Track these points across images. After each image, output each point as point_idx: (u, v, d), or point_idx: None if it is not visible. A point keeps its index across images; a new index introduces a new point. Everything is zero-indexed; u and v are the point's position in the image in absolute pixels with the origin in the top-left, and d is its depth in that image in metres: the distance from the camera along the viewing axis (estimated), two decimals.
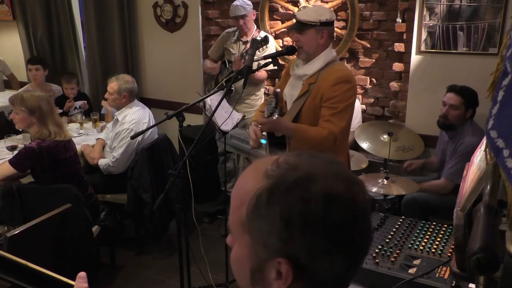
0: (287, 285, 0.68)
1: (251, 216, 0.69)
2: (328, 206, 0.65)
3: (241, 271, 0.74)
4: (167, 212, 3.45)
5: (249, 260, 0.72)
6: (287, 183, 0.67)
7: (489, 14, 3.15)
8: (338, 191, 0.67)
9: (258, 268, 0.71)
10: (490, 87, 0.92)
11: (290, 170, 0.68)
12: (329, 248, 0.66)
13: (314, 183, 0.66)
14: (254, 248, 0.70)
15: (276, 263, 0.68)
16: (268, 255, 0.68)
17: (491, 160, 0.96)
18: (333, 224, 0.66)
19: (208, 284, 3.00)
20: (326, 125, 2.28)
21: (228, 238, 0.79)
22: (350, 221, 0.67)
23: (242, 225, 0.71)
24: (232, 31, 4.02)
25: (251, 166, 0.75)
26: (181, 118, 2.40)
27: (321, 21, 2.31)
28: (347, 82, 2.32)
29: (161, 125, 2.72)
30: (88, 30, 4.86)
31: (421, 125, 3.48)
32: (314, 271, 0.67)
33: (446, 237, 1.97)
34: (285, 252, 0.67)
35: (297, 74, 2.45)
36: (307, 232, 0.65)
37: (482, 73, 2.90)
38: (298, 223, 0.65)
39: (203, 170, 4.15)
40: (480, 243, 0.83)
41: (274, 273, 0.69)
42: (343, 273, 0.70)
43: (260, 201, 0.68)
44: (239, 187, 0.74)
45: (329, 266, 0.67)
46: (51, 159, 2.81)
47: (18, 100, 2.80)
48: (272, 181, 0.68)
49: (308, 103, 2.36)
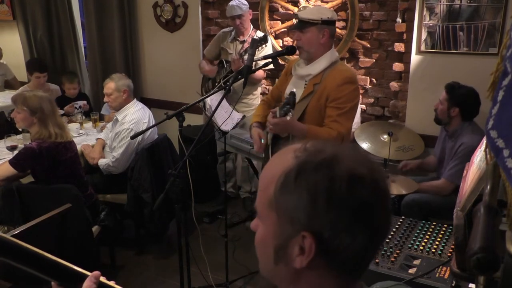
0: (309, 259, 0.72)
1: (279, 193, 0.73)
2: (352, 185, 0.69)
3: (265, 251, 0.78)
4: (167, 212, 3.45)
5: (274, 238, 0.76)
6: (314, 163, 0.71)
7: (489, 14, 3.15)
8: (362, 173, 0.71)
9: (282, 246, 0.75)
10: (490, 87, 0.92)
11: (317, 153, 0.73)
12: (351, 224, 0.70)
13: (340, 164, 0.71)
14: (280, 225, 0.74)
15: (300, 239, 0.72)
16: (293, 230, 0.72)
17: (491, 160, 0.96)
18: (356, 202, 0.70)
19: (208, 284, 3.00)
20: (334, 125, 2.31)
21: (253, 222, 0.82)
22: (372, 201, 0.71)
23: (269, 203, 0.75)
24: (228, 30, 4.02)
25: (279, 152, 0.79)
26: (181, 118, 2.40)
27: (322, 19, 2.32)
28: (353, 83, 2.37)
29: (161, 125, 2.72)
30: (89, 30, 4.87)
31: (421, 125, 3.48)
32: (336, 247, 0.71)
33: (446, 237, 1.97)
34: (310, 227, 0.71)
35: (300, 74, 2.45)
36: (331, 208, 0.69)
37: (482, 73, 2.89)
38: (324, 199, 0.69)
39: (203, 170, 4.15)
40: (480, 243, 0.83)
41: (297, 250, 0.73)
42: (363, 252, 0.73)
43: (288, 179, 0.72)
44: (268, 170, 0.78)
45: (350, 242, 0.71)
46: (51, 160, 2.81)
47: (20, 99, 2.81)
48: (300, 161, 0.73)
49: (313, 104, 2.38)
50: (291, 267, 0.75)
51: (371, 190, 0.71)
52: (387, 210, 0.74)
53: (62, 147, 2.86)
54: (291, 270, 0.75)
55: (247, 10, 3.84)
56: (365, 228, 0.71)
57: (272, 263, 0.77)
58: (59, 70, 5.12)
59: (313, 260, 0.72)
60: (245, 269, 3.30)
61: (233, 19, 3.83)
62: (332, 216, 0.70)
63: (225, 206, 3.12)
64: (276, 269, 0.77)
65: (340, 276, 0.75)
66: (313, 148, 0.74)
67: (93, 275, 0.87)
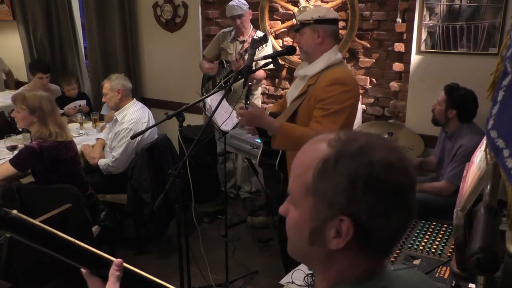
0: (346, 241, 0.76)
1: (317, 178, 0.77)
2: (388, 171, 0.75)
3: (299, 233, 0.82)
4: (167, 212, 3.45)
5: (310, 221, 0.79)
6: (351, 150, 0.76)
7: (489, 14, 3.15)
8: (394, 159, 0.76)
9: (318, 228, 0.79)
10: (490, 87, 0.92)
11: (351, 141, 0.78)
12: (387, 207, 0.75)
13: (375, 151, 0.76)
14: (317, 209, 0.78)
15: (337, 222, 0.76)
16: (331, 214, 0.76)
17: (491, 160, 0.96)
18: (392, 186, 0.75)
19: (208, 284, 3.00)
20: (315, 126, 2.21)
21: (282, 206, 0.86)
22: (404, 186, 0.77)
23: (306, 188, 0.79)
24: (228, 31, 4.03)
25: (310, 142, 0.84)
26: (181, 118, 2.40)
27: (313, 18, 2.26)
28: (342, 85, 2.23)
29: (161, 125, 2.72)
30: (89, 30, 4.87)
31: (421, 125, 3.48)
32: (372, 229, 0.76)
33: (446, 237, 1.97)
34: (348, 210, 0.75)
35: (300, 75, 2.44)
36: (369, 192, 0.74)
37: (482, 73, 2.90)
38: (362, 184, 0.74)
39: (203, 170, 4.15)
40: (480, 243, 0.83)
41: (334, 232, 0.77)
42: (395, 232, 0.79)
43: (327, 165, 0.77)
44: (302, 158, 0.82)
45: (385, 223, 0.76)
46: (52, 159, 2.81)
47: (20, 98, 2.81)
48: (336, 149, 0.77)
49: (304, 104, 2.32)
50: (326, 249, 0.79)
51: (403, 175, 0.76)
52: (414, 194, 0.79)
53: (62, 147, 2.86)
54: (326, 251, 0.79)
55: (247, 10, 3.84)
56: (399, 210, 0.77)
57: (307, 245, 0.81)
58: (59, 70, 5.13)
59: (349, 242, 0.76)
60: (245, 269, 3.30)
61: (233, 19, 3.83)
62: (370, 199, 0.74)
63: (225, 206, 3.12)
64: (311, 250, 0.81)
65: (371, 256, 0.80)
66: (346, 137, 0.79)
67: (116, 263, 0.87)
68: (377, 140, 0.79)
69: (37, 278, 2.39)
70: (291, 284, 1.80)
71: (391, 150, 0.78)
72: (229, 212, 3.63)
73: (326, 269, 0.82)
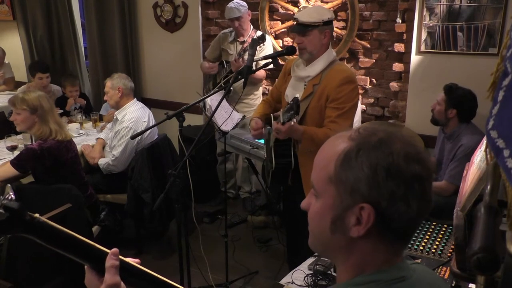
0: (367, 228, 0.80)
1: (340, 168, 0.82)
2: (407, 161, 0.79)
3: (321, 223, 0.85)
4: (167, 212, 3.45)
5: (332, 210, 0.83)
6: (372, 142, 0.81)
7: (489, 14, 3.15)
8: (412, 152, 0.81)
9: (339, 217, 0.82)
10: (491, 87, 0.92)
11: (371, 135, 0.82)
12: (406, 194, 0.79)
13: (395, 143, 0.81)
14: (339, 197, 0.82)
15: (357, 210, 0.80)
16: (352, 201, 0.80)
17: (491, 160, 0.96)
18: (411, 174, 0.79)
19: (208, 284, 3.00)
20: (332, 126, 2.33)
21: (304, 201, 0.90)
22: (422, 175, 0.80)
23: (329, 179, 0.83)
24: (228, 31, 4.03)
25: (331, 138, 0.88)
26: (181, 118, 2.40)
27: (323, 20, 2.34)
28: (352, 83, 2.38)
29: (161, 125, 2.72)
30: (89, 31, 4.87)
31: (421, 125, 3.48)
32: (392, 215, 0.79)
33: (446, 237, 1.97)
34: (369, 197, 0.79)
35: (299, 76, 2.46)
36: (390, 179, 0.78)
37: (482, 73, 2.90)
38: (383, 171, 0.78)
39: (203, 170, 4.15)
40: (481, 243, 0.83)
41: (354, 220, 0.81)
42: (414, 219, 0.82)
43: (349, 156, 0.81)
44: (324, 152, 0.87)
45: (405, 210, 0.79)
46: (53, 160, 2.81)
47: (19, 100, 2.80)
48: (357, 142, 0.82)
49: (313, 104, 2.39)
50: (347, 236, 0.82)
51: (421, 166, 0.80)
52: (431, 185, 0.83)
53: (63, 147, 2.87)
54: (347, 239, 0.82)
55: (245, 11, 3.84)
56: (418, 198, 0.80)
57: (329, 233, 0.84)
58: (59, 71, 5.12)
59: (369, 229, 0.80)
60: (245, 269, 3.30)
61: (232, 21, 3.83)
62: (391, 186, 0.78)
63: (225, 206, 3.12)
64: (332, 239, 0.84)
65: (391, 244, 0.83)
66: (366, 132, 0.83)
67: (113, 252, 0.86)
68: (396, 134, 0.83)
69: (37, 278, 2.39)
70: (291, 284, 1.80)
71: (409, 143, 0.82)
72: (229, 212, 3.63)
73: (348, 257, 0.85)
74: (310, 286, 1.78)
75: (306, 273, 1.84)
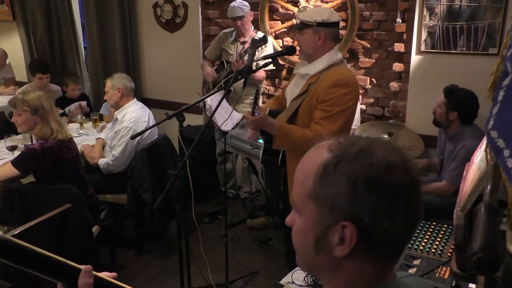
0: (351, 248, 0.75)
1: (318, 183, 0.76)
2: (389, 171, 0.73)
3: (305, 241, 0.80)
4: (167, 212, 3.45)
5: (314, 228, 0.78)
6: (351, 153, 0.75)
7: (489, 14, 3.15)
8: (396, 160, 0.75)
9: (322, 235, 0.77)
10: (491, 87, 0.92)
11: (351, 145, 0.77)
12: (390, 207, 0.74)
13: (375, 153, 0.75)
14: (320, 214, 0.77)
15: (339, 228, 0.75)
16: (333, 219, 0.75)
17: (492, 160, 0.96)
18: (393, 186, 0.74)
19: (208, 284, 3.00)
20: (315, 127, 2.24)
21: (288, 217, 0.85)
22: (407, 186, 0.75)
23: (308, 194, 0.78)
24: (229, 31, 4.03)
25: (312, 149, 0.83)
26: (181, 118, 2.40)
27: (317, 21, 2.26)
28: (345, 86, 2.25)
29: (161, 125, 2.72)
30: (89, 31, 4.87)
31: (421, 125, 3.48)
32: (376, 231, 0.74)
33: (446, 237, 1.97)
34: (350, 214, 0.74)
35: (300, 73, 2.44)
36: (371, 192, 0.73)
37: (482, 73, 2.90)
38: (363, 185, 0.73)
39: (203, 170, 4.15)
40: (481, 243, 0.83)
41: (337, 239, 0.75)
42: (401, 234, 0.76)
43: (327, 169, 0.76)
44: (303, 164, 0.81)
45: (389, 225, 0.74)
46: (54, 160, 2.81)
47: (19, 101, 2.80)
48: (336, 153, 0.77)
49: (305, 104, 2.34)
50: (332, 256, 0.77)
51: (406, 176, 0.75)
52: (420, 194, 0.78)
53: (64, 147, 2.87)
54: (332, 258, 0.77)
55: (248, 11, 3.84)
56: (403, 211, 0.75)
57: (313, 253, 0.79)
58: (59, 71, 5.12)
59: (354, 248, 0.75)
60: (245, 269, 3.30)
61: (234, 20, 3.83)
62: (372, 200, 0.73)
63: (225, 206, 3.12)
64: (317, 258, 0.80)
65: (379, 261, 0.78)
66: (346, 142, 0.78)
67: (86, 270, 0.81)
68: (378, 143, 0.78)
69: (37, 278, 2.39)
70: (291, 284, 1.80)
71: (393, 151, 0.77)
72: (229, 212, 3.63)
73: (334, 277, 0.80)
74: (310, 286, 1.78)
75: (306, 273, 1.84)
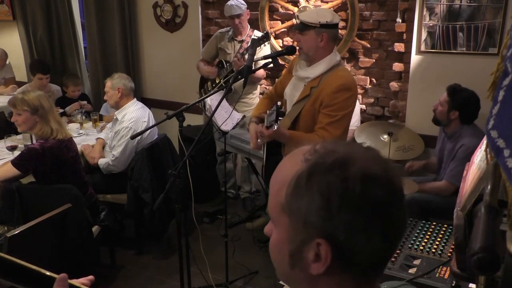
0: (327, 266, 0.70)
1: (290, 196, 0.71)
2: (366, 185, 0.68)
3: (280, 255, 0.76)
4: (167, 212, 3.45)
5: (289, 243, 0.73)
6: (325, 164, 0.69)
7: (489, 14, 3.15)
8: (375, 172, 0.69)
9: (296, 251, 0.73)
10: (491, 87, 0.92)
11: (328, 154, 0.71)
12: (366, 225, 0.68)
13: (352, 164, 0.69)
14: (294, 229, 0.72)
15: (314, 245, 0.70)
16: (307, 235, 0.70)
17: (492, 160, 0.96)
18: (370, 202, 0.68)
19: (208, 284, 3.00)
20: (321, 133, 2.27)
21: (267, 227, 0.80)
22: (386, 200, 0.69)
23: (281, 207, 0.73)
24: (225, 31, 4.03)
25: (289, 155, 0.77)
26: (181, 118, 2.40)
27: (320, 23, 2.27)
28: (348, 90, 2.30)
29: (161, 125, 2.72)
30: (89, 31, 4.87)
31: (421, 125, 3.48)
32: (352, 249, 0.69)
33: (446, 237, 1.97)
34: (324, 231, 0.69)
35: (300, 76, 2.44)
36: (345, 209, 0.67)
37: (482, 73, 2.89)
38: (337, 200, 0.67)
39: (203, 170, 4.15)
40: (481, 243, 0.83)
41: (313, 255, 0.71)
42: (380, 252, 0.71)
43: (300, 182, 0.70)
44: (278, 173, 0.76)
45: (366, 243, 0.69)
46: (54, 160, 2.81)
47: (19, 101, 2.80)
48: (311, 163, 0.71)
49: (308, 107, 2.35)
50: (307, 273, 0.73)
51: (386, 189, 0.69)
52: (402, 208, 0.72)
53: (64, 147, 2.87)
54: (308, 275, 0.73)
55: (245, 9, 3.85)
56: (381, 228, 0.69)
57: (288, 268, 0.75)
58: (59, 71, 5.12)
59: (330, 266, 0.70)
60: (245, 269, 3.30)
61: (232, 19, 3.84)
62: (346, 217, 0.68)
63: (225, 206, 3.12)
64: (293, 274, 0.75)
65: (358, 278, 0.73)
66: (323, 149, 0.72)
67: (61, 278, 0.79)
68: (358, 151, 0.72)
69: None
70: None
71: (374, 161, 0.71)
72: (229, 212, 3.63)
73: None
74: None
75: None
